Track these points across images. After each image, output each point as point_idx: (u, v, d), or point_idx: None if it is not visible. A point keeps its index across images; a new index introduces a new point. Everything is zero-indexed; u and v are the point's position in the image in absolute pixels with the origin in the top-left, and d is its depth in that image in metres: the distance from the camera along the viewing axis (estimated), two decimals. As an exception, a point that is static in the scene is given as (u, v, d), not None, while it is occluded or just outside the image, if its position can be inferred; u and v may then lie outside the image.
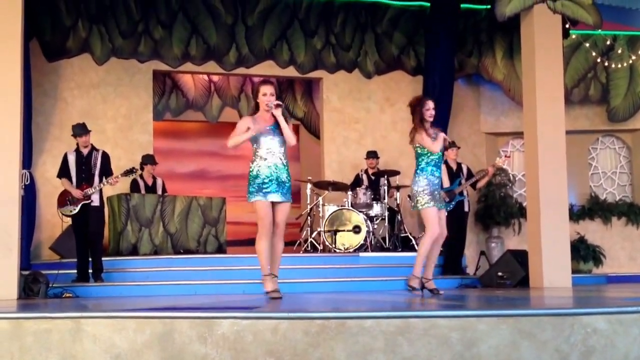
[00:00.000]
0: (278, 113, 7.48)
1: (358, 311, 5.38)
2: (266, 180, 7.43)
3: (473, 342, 4.92)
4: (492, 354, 4.90)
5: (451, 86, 13.44)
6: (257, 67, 13.55)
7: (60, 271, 9.81)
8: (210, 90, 15.01)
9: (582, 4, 10.97)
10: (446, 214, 8.62)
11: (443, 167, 11.52)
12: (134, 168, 10.56)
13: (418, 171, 8.34)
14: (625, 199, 14.49)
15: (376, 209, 12.21)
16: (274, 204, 7.50)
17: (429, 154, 8.27)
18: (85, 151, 10.05)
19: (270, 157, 7.49)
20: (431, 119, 8.30)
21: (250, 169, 7.55)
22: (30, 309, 6.53)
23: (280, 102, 7.54)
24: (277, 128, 7.53)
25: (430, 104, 8.33)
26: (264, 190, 7.42)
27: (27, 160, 11.41)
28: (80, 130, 10.05)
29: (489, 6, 12.56)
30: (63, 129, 12.19)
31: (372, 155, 12.90)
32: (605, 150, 14.74)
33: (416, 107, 8.37)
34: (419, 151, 8.32)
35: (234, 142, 7.54)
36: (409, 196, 8.34)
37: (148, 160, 12.10)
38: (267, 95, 7.49)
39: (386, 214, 12.21)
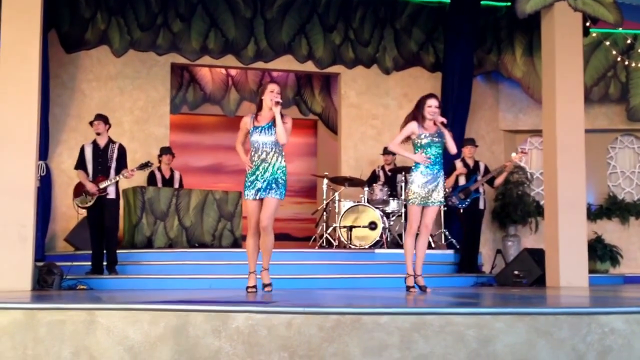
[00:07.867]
0: (277, 110, 7.77)
1: (373, 307, 5.35)
2: (253, 178, 7.81)
3: (489, 340, 4.87)
4: (508, 352, 4.86)
5: (470, 83, 13.41)
6: (276, 61, 13.53)
7: (75, 263, 9.85)
8: (228, 84, 14.98)
9: (603, 2, 10.89)
10: (462, 209, 8.46)
11: (460, 164, 11.53)
12: (149, 162, 10.56)
13: (414, 165, 8.32)
14: (643, 199, 14.39)
15: (392, 206, 12.16)
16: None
17: (423, 147, 8.22)
18: (102, 143, 10.03)
19: (263, 154, 7.80)
20: (430, 117, 8.22)
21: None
22: (44, 300, 6.53)
23: (280, 101, 7.81)
24: (273, 126, 7.83)
25: (433, 102, 8.27)
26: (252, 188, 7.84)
27: (44, 152, 11.44)
28: (101, 117, 10.08)
29: (509, 3, 12.50)
30: (80, 121, 12.21)
31: (388, 151, 12.86)
32: (624, 150, 14.63)
33: (419, 101, 8.37)
34: (415, 142, 8.30)
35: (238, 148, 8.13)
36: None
37: (165, 151, 12.10)
38: (274, 92, 7.84)
39: (402, 210, 12.15)
